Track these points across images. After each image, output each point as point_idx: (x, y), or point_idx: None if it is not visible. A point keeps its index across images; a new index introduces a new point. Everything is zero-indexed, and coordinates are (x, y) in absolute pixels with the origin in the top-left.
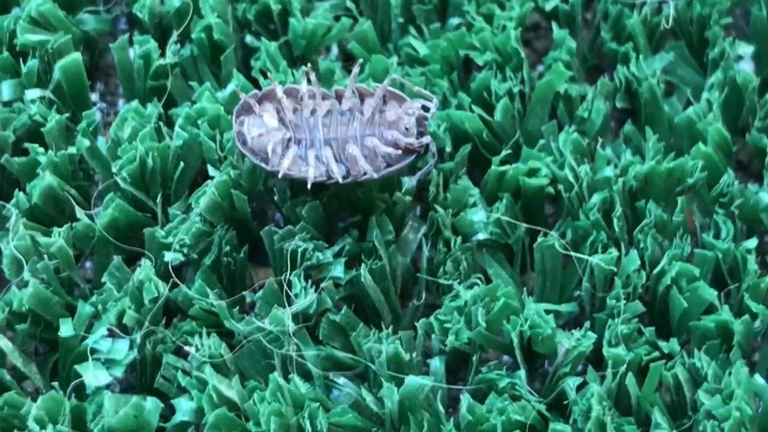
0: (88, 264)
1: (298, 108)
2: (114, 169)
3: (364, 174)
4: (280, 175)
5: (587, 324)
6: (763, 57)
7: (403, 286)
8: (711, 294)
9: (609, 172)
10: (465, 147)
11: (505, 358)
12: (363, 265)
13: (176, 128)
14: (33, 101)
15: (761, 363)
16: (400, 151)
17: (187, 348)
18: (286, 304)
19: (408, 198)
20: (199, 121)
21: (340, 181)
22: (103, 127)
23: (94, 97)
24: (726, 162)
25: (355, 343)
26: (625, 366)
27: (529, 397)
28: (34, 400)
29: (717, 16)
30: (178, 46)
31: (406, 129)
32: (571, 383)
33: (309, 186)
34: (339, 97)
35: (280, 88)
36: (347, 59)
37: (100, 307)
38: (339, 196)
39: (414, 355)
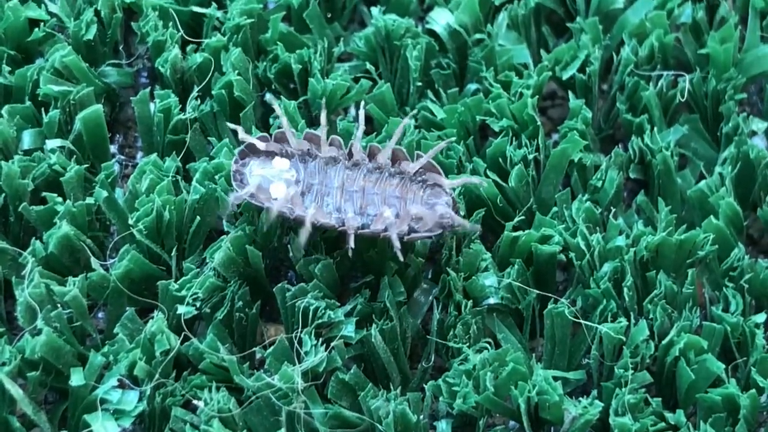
0: (100, 314)
1: (311, 154)
2: (130, 221)
3: (384, 230)
4: (307, 223)
5: (594, 392)
6: None
7: (413, 347)
8: (718, 367)
9: (621, 241)
10: (479, 212)
11: (512, 423)
12: (374, 325)
13: (194, 183)
14: (53, 151)
15: None
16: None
17: (195, 402)
18: (296, 362)
19: (420, 260)
20: (217, 177)
21: (350, 232)
22: (121, 179)
23: (113, 148)
24: (737, 236)
25: (363, 403)
26: None
27: None
28: None
29: (732, 91)
30: (199, 101)
31: (447, 204)
32: None
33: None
34: (371, 154)
35: (292, 133)
36: (365, 120)
37: (111, 357)
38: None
39: (421, 417)
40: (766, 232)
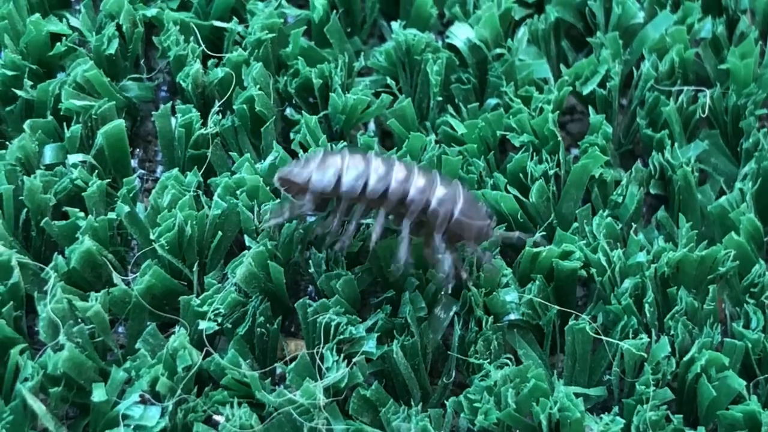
0: (121, 329)
1: None
2: (152, 236)
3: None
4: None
5: (616, 409)
6: None
7: (434, 363)
8: (740, 384)
9: (641, 257)
10: (500, 227)
11: None
12: (395, 341)
13: (215, 198)
14: (75, 166)
15: None
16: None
17: (217, 417)
18: (318, 377)
19: (442, 275)
20: (238, 192)
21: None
22: (142, 194)
23: (133, 163)
24: (758, 252)
25: (384, 420)
26: None
27: None
28: None
29: (752, 106)
30: (220, 116)
31: None
32: None
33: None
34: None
35: None
36: (385, 135)
37: (133, 373)
38: (373, 272)
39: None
40: None
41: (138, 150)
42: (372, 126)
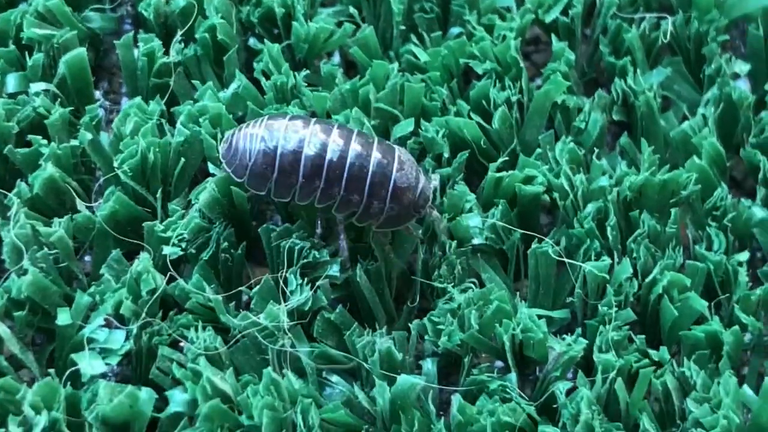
0: (87, 258)
1: None
2: (115, 163)
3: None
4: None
5: (579, 330)
6: (758, 75)
7: (398, 289)
8: (702, 305)
9: (604, 182)
10: (462, 154)
11: (497, 363)
12: (359, 265)
13: (178, 125)
14: (37, 94)
15: (750, 376)
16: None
17: (182, 344)
18: (282, 301)
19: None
20: (201, 119)
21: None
22: (106, 125)
23: (97, 94)
24: (720, 176)
25: (348, 342)
26: (615, 372)
27: (519, 399)
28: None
29: (714, 33)
30: (182, 45)
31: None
32: (561, 387)
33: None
34: None
35: None
36: (348, 65)
37: (97, 297)
38: None
39: (407, 356)
40: (749, 174)
41: (102, 82)
42: (336, 57)
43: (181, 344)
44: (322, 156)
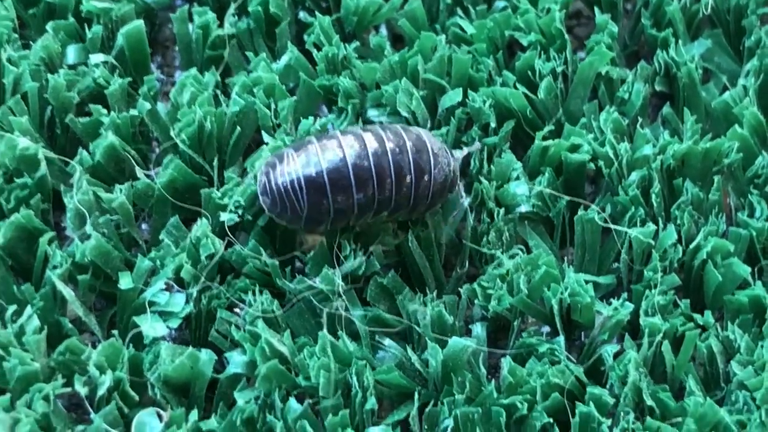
0: (144, 226)
1: None
2: (173, 132)
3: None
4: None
5: (625, 295)
6: None
7: (447, 257)
8: (745, 270)
9: (648, 150)
10: (509, 123)
11: (544, 328)
12: (410, 231)
13: (233, 95)
14: (96, 65)
15: None
16: None
17: (237, 310)
18: (336, 266)
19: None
20: (255, 90)
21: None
22: (161, 96)
23: (152, 68)
24: (761, 145)
25: (400, 306)
26: (661, 335)
27: (567, 362)
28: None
29: (754, 6)
30: (236, 18)
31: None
32: (608, 350)
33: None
34: None
35: None
36: (395, 39)
37: (158, 262)
38: None
39: (456, 321)
40: None
41: (156, 56)
42: (383, 30)
43: (236, 309)
44: (366, 165)
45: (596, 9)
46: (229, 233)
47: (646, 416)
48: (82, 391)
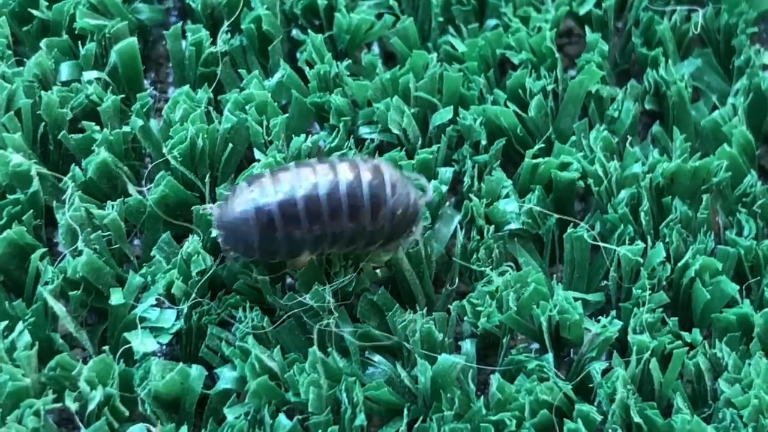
0: (136, 242)
1: None
2: (165, 149)
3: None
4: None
5: (613, 312)
6: None
7: (437, 274)
8: (733, 288)
9: (637, 168)
10: (499, 141)
11: (534, 345)
12: (400, 249)
13: (225, 112)
14: (90, 82)
15: None
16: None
17: (230, 322)
18: (326, 282)
19: (444, 187)
20: (247, 107)
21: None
22: (153, 113)
23: (145, 84)
24: (749, 164)
25: (390, 323)
26: (649, 352)
27: (556, 379)
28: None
29: (744, 25)
30: (229, 36)
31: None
32: (597, 367)
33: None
34: None
35: None
36: (387, 57)
37: (149, 278)
38: None
39: (446, 337)
40: None
41: (150, 72)
42: (375, 48)
43: (229, 322)
44: (315, 195)
45: (587, 28)
46: (220, 249)
47: None
48: (73, 406)
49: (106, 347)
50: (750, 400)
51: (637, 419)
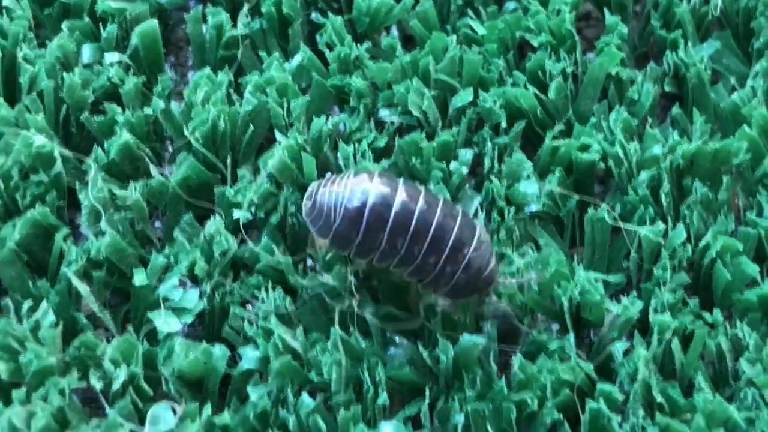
0: (158, 224)
1: None
2: (187, 131)
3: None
4: None
5: (634, 293)
6: None
7: None
8: (753, 269)
9: (657, 150)
10: (519, 123)
11: (555, 326)
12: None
13: (246, 94)
14: (111, 64)
15: None
16: None
17: (249, 307)
18: (348, 263)
19: (464, 168)
20: (268, 89)
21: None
22: (174, 96)
23: (165, 67)
24: None
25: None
26: (670, 332)
27: (577, 359)
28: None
29: (763, 7)
30: (249, 18)
31: None
32: (618, 347)
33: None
34: None
35: None
36: (407, 40)
37: (171, 259)
38: (399, 166)
39: (467, 318)
40: None
41: (170, 55)
42: (394, 31)
43: (249, 308)
44: (408, 217)
45: (606, 10)
46: (242, 230)
47: (655, 412)
48: (97, 385)
49: (130, 327)
50: None
51: (659, 399)
